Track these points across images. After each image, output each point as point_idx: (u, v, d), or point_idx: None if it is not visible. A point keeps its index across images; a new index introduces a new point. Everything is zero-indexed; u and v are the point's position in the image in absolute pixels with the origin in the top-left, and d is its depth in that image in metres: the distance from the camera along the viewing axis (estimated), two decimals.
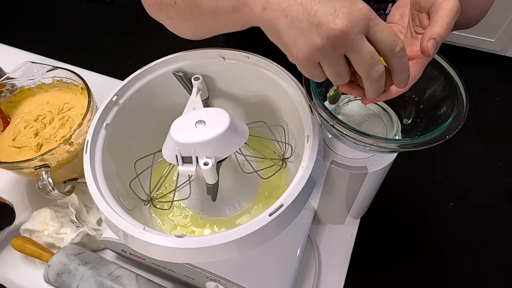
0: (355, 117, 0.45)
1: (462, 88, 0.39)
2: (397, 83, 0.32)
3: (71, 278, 0.48)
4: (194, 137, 0.36)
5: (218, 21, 0.38)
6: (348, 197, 0.51)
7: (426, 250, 1.24)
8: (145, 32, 2.02)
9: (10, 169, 0.52)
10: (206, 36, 0.43)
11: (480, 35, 1.67)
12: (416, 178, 1.38)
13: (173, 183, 0.53)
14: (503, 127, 1.53)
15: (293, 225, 0.35)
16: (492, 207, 1.31)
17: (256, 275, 0.45)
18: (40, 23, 2.13)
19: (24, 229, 0.55)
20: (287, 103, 0.45)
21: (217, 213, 0.49)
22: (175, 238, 0.32)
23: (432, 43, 0.31)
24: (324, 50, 0.29)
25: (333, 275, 0.53)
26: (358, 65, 0.29)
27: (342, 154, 0.45)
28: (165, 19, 0.43)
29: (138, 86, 0.47)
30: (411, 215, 1.30)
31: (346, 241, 0.56)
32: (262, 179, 0.51)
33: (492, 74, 1.73)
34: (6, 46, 0.88)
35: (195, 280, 0.47)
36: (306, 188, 0.35)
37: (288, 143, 0.50)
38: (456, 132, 0.36)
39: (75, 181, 0.58)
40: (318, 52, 0.29)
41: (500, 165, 1.42)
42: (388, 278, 1.19)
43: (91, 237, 0.54)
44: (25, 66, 0.60)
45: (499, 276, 1.17)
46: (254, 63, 0.46)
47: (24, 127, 0.59)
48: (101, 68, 0.81)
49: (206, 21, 0.39)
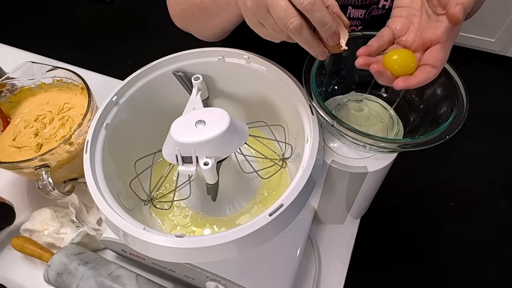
0: (355, 117, 0.45)
1: (462, 88, 0.39)
2: (325, 39, 0.33)
3: (71, 278, 0.48)
4: (194, 137, 0.36)
5: (221, 19, 0.47)
6: (348, 197, 0.51)
7: (426, 250, 1.24)
8: (145, 32, 2.03)
9: (10, 169, 0.52)
10: (221, 36, 0.53)
11: (480, 35, 1.67)
12: (416, 178, 1.38)
13: (173, 183, 0.53)
14: (503, 127, 1.53)
15: (293, 225, 0.35)
16: (492, 207, 1.31)
17: (256, 275, 0.45)
18: (40, 23, 2.13)
19: (24, 229, 0.55)
20: (287, 103, 0.45)
21: (217, 213, 0.49)
22: (175, 238, 0.32)
23: (460, 8, 0.30)
24: (253, 10, 0.34)
25: (333, 275, 0.53)
26: (276, 19, 0.32)
27: (342, 154, 0.45)
28: (192, 29, 0.54)
29: (138, 86, 0.47)
30: (411, 215, 1.30)
31: (346, 241, 0.56)
32: (262, 179, 0.51)
33: (492, 74, 1.73)
34: (6, 46, 0.88)
35: (195, 280, 0.47)
36: (306, 188, 0.35)
37: (288, 143, 0.50)
38: (456, 132, 0.36)
39: (75, 181, 0.58)
40: (250, 12, 0.34)
41: (500, 165, 1.42)
42: (388, 278, 1.19)
43: (91, 237, 0.54)
44: (25, 66, 0.60)
45: (499, 276, 1.17)
46: (254, 63, 0.46)
47: (24, 127, 0.59)
48: (101, 68, 0.81)
49: (214, 21, 0.48)
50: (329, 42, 0.33)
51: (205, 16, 0.48)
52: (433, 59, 0.34)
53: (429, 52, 0.34)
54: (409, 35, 0.37)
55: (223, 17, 0.46)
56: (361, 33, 0.43)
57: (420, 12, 0.36)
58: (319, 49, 0.34)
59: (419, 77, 0.33)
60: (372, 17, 0.54)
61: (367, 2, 0.53)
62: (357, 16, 0.54)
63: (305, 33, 0.32)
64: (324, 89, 0.45)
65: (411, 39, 0.36)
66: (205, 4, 0.47)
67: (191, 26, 0.54)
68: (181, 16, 0.53)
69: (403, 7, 0.37)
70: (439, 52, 0.33)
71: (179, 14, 0.53)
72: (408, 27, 0.37)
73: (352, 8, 0.53)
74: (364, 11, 0.54)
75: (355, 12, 0.54)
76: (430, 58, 0.34)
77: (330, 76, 0.46)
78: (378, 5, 0.53)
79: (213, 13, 0.47)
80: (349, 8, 0.53)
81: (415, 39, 0.36)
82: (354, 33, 0.43)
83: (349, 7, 0.53)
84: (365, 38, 0.42)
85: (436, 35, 0.34)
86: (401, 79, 0.34)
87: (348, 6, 0.53)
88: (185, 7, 0.51)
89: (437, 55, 0.34)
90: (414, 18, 0.37)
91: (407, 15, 0.37)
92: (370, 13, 0.54)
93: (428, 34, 0.35)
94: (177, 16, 0.54)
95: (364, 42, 0.41)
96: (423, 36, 0.35)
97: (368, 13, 0.54)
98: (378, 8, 0.54)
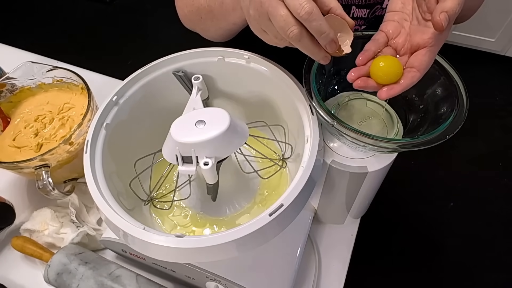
0: (355, 117, 0.45)
1: (462, 88, 0.39)
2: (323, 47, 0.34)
3: (71, 278, 0.48)
4: (194, 137, 0.36)
5: (228, 22, 0.48)
6: (348, 197, 0.51)
7: (426, 249, 1.24)
8: (145, 32, 2.03)
9: (10, 169, 0.52)
10: (228, 37, 0.54)
11: (480, 35, 1.67)
12: (416, 178, 1.38)
13: (173, 183, 0.53)
14: (503, 127, 1.53)
15: (293, 225, 0.35)
16: (492, 207, 1.31)
17: (256, 275, 0.45)
18: (40, 23, 2.13)
19: (24, 229, 0.55)
20: (287, 103, 0.45)
21: (217, 213, 0.49)
22: (175, 238, 0.32)
23: (444, 16, 0.31)
24: (256, 18, 0.35)
25: (333, 275, 0.53)
26: (276, 27, 0.33)
27: (342, 154, 0.45)
28: (199, 30, 0.55)
29: (138, 86, 0.47)
30: (411, 215, 1.30)
31: (346, 241, 0.56)
32: (262, 179, 0.51)
33: (492, 74, 1.73)
34: (6, 46, 0.88)
35: (195, 280, 0.47)
36: (306, 188, 0.35)
37: (288, 143, 0.50)
38: (456, 132, 0.36)
39: (75, 181, 0.58)
40: (253, 20, 0.36)
41: (500, 165, 1.42)
42: (388, 278, 1.19)
43: (91, 237, 0.54)
44: (25, 66, 0.60)
45: (500, 276, 1.17)
46: (254, 63, 0.46)
47: (24, 127, 0.59)
48: (101, 68, 0.81)
49: (221, 24, 0.50)
50: (328, 49, 0.34)
51: (212, 19, 0.50)
52: (418, 62, 0.35)
53: (415, 55, 0.36)
54: (400, 38, 0.38)
55: (229, 20, 0.48)
56: (361, 33, 0.43)
57: (411, 17, 0.38)
58: (320, 54, 0.35)
59: (403, 84, 0.35)
60: (376, 17, 0.55)
61: (371, 1, 0.53)
62: (361, 16, 0.54)
63: (305, 40, 0.33)
64: (324, 89, 0.45)
65: (401, 42, 0.38)
66: (212, 8, 0.48)
67: (199, 27, 0.55)
68: (189, 18, 0.54)
69: (395, 11, 0.39)
70: (424, 56, 0.35)
71: (187, 16, 0.54)
72: (399, 31, 0.38)
73: (356, 8, 0.53)
74: (368, 10, 0.54)
75: (359, 12, 0.54)
76: (415, 61, 0.35)
77: (330, 76, 0.46)
78: (382, 5, 0.53)
79: (220, 17, 0.48)
80: (353, 7, 0.53)
81: (405, 42, 0.38)
82: (354, 33, 0.43)
83: (352, 7, 0.53)
84: (365, 38, 0.42)
85: (424, 40, 0.35)
86: (385, 90, 0.35)
87: (352, 6, 0.53)
88: (193, 10, 0.52)
89: (422, 59, 0.35)
90: (405, 22, 0.38)
91: (399, 19, 0.38)
92: (374, 13, 0.54)
93: (416, 38, 0.36)
94: (185, 17, 0.55)
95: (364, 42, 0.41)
96: (412, 40, 0.37)
97: (372, 12, 0.54)
98: (382, 8, 0.54)
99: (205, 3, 0.49)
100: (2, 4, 2.23)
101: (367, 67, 0.37)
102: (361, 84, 0.37)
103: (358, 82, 0.37)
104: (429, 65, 0.35)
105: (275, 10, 0.32)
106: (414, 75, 0.35)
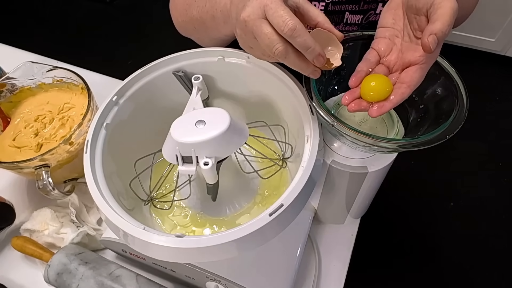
0: (355, 117, 0.45)
1: (462, 88, 0.39)
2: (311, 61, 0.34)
3: (71, 278, 0.48)
4: (194, 137, 0.36)
5: (220, 34, 0.49)
6: (348, 197, 0.51)
7: (426, 249, 1.24)
8: (145, 32, 2.02)
9: (10, 169, 0.52)
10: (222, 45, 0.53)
11: (480, 35, 1.67)
12: (416, 178, 1.38)
13: (173, 183, 0.53)
14: (503, 127, 1.53)
15: (293, 225, 0.35)
16: (492, 207, 1.31)
17: (256, 275, 0.45)
18: (41, 23, 2.13)
19: (24, 229, 0.55)
20: (287, 103, 0.45)
21: (217, 213, 0.49)
22: (175, 238, 0.32)
23: (433, 38, 0.31)
24: (242, 37, 0.36)
25: (333, 275, 0.53)
26: (262, 46, 0.33)
27: (342, 154, 0.45)
28: (194, 39, 0.56)
29: (138, 86, 0.47)
30: (411, 215, 1.30)
31: (346, 241, 0.56)
32: (262, 179, 0.51)
33: (492, 74, 1.73)
34: (6, 46, 0.88)
35: (195, 280, 0.47)
36: (306, 188, 0.35)
37: (288, 143, 0.50)
38: (456, 132, 0.36)
39: (75, 181, 0.58)
40: (241, 39, 0.37)
41: (500, 165, 1.42)
42: (389, 278, 1.19)
43: (91, 237, 0.54)
44: (25, 66, 0.60)
45: (500, 276, 1.17)
46: (254, 63, 0.46)
47: (24, 127, 0.59)
48: (101, 68, 0.81)
49: (214, 35, 0.51)
50: (315, 64, 0.34)
51: (206, 30, 0.51)
52: (409, 78, 0.36)
53: (406, 72, 0.36)
54: (392, 55, 0.38)
55: (222, 32, 0.48)
56: (361, 33, 0.43)
57: (403, 33, 0.38)
58: (308, 69, 0.35)
59: (393, 100, 0.36)
60: (370, 22, 0.55)
61: (364, 7, 0.53)
62: (355, 22, 0.54)
63: (292, 56, 0.33)
64: (324, 89, 0.45)
65: (393, 60, 0.38)
66: (204, 20, 0.49)
67: (193, 36, 0.56)
68: (183, 27, 0.56)
69: (387, 27, 0.39)
70: (415, 73, 0.35)
71: (181, 25, 0.56)
72: (391, 48, 0.39)
73: (349, 14, 0.53)
74: (362, 16, 0.54)
75: (353, 18, 0.54)
76: (406, 77, 0.36)
77: (330, 76, 0.46)
78: (376, 11, 0.53)
79: (213, 29, 0.49)
80: (347, 13, 0.53)
81: (397, 60, 0.38)
82: (354, 33, 0.43)
83: (346, 13, 0.53)
84: (364, 38, 0.42)
85: (415, 57, 0.35)
86: (375, 108, 0.36)
87: (345, 12, 0.53)
88: (186, 20, 0.53)
89: (413, 75, 0.35)
90: (396, 39, 0.38)
91: (390, 36, 0.38)
92: (367, 19, 0.54)
93: (408, 55, 0.36)
94: (179, 26, 0.57)
95: (363, 42, 0.41)
96: (404, 57, 0.37)
97: (366, 18, 0.54)
98: (375, 14, 0.54)
99: (197, 14, 0.50)
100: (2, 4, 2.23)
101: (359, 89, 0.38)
102: (355, 107, 0.37)
103: (352, 105, 0.37)
104: (419, 82, 0.36)
105: (259, 28, 0.32)
106: (404, 91, 0.35)
